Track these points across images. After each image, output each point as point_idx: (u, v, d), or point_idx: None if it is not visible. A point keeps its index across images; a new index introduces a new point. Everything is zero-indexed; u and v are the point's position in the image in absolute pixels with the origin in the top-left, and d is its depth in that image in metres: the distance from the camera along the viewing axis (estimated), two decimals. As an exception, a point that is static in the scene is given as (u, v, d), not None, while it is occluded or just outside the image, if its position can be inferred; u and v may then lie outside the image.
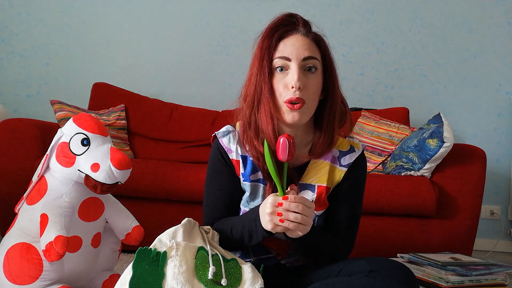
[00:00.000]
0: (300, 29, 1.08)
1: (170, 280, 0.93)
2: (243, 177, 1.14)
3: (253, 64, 1.09)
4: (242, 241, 1.09)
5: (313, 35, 1.10)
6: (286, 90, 1.04)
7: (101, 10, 2.92)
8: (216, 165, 1.17)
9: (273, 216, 0.97)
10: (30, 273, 1.17)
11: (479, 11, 2.80)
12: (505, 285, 1.56)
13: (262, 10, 2.84)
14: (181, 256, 0.97)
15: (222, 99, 2.81)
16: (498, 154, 2.75)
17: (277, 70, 1.05)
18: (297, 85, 1.02)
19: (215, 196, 1.18)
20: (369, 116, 2.47)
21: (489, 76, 2.80)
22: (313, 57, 1.06)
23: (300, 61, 1.04)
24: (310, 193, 1.12)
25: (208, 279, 0.96)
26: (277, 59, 1.05)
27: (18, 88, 2.91)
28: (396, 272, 1.01)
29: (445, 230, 1.94)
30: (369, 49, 2.86)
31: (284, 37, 1.06)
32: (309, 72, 1.05)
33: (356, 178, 1.15)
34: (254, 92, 1.07)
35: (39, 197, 1.25)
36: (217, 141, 1.17)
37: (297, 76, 1.02)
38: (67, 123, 1.29)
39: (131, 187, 1.90)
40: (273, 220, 0.97)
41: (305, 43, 1.06)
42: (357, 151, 1.16)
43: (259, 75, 1.06)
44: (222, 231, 1.13)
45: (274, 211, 0.97)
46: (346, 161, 1.14)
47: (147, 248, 0.97)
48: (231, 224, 1.11)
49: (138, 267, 0.95)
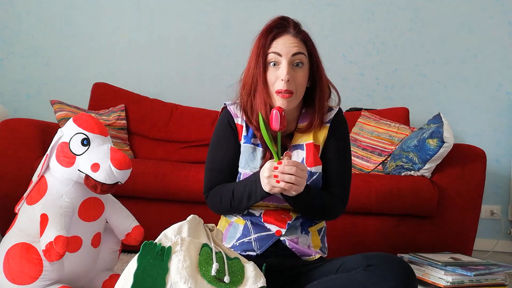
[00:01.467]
0: (290, 30, 1.25)
1: (173, 275, 0.94)
2: (245, 139, 1.30)
3: (251, 58, 1.28)
4: (241, 202, 1.22)
5: (301, 35, 1.26)
6: (277, 82, 1.21)
7: (101, 10, 2.92)
8: (222, 131, 1.33)
9: (270, 179, 1.12)
10: (30, 273, 1.17)
11: (479, 11, 2.81)
12: (505, 285, 1.56)
13: (262, 10, 2.84)
14: (186, 251, 0.98)
15: (222, 99, 2.77)
16: (498, 154, 2.75)
17: (271, 65, 1.23)
18: (286, 78, 1.19)
19: (220, 159, 1.31)
20: (369, 116, 2.47)
21: (489, 76, 2.80)
22: (300, 52, 1.22)
23: (290, 57, 1.21)
24: (301, 152, 1.28)
25: (211, 276, 0.97)
26: (271, 55, 1.22)
27: (18, 88, 2.91)
28: (394, 266, 1.04)
29: (445, 230, 1.94)
30: (369, 49, 2.86)
31: (277, 37, 1.24)
32: (297, 67, 1.23)
33: (339, 133, 1.32)
34: (251, 82, 1.26)
35: (39, 197, 1.25)
36: (226, 110, 1.36)
37: (286, 70, 1.20)
38: (67, 123, 1.29)
39: (131, 187, 1.90)
40: (270, 183, 1.12)
41: (294, 42, 1.23)
42: (335, 109, 1.34)
43: (256, 68, 1.24)
44: (222, 193, 1.26)
45: (270, 174, 1.12)
46: (327, 118, 1.32)
47: (152, 242, 0.99)
48: (232, 186, 1.25)
49: (143, 260, 0.96)
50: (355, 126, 2.46)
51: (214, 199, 1.28)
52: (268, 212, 1.26)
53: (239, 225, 1.28)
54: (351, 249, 1.89)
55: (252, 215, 1.27)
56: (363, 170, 2.30)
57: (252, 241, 1.24)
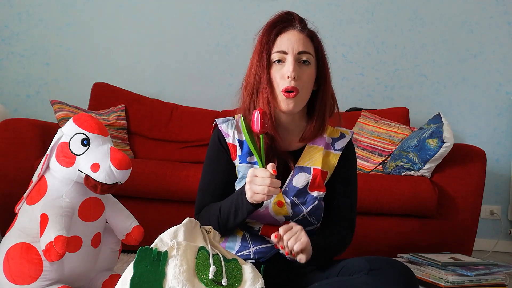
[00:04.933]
0: (296, 25, 1.17)
1: (171, 280, 0.93)
2: (240, 159, 1.21)
3: (253, 56, 1.18)
4: (228, 219, 1.13)
5: (308, 31, 1.18)
6: (282, 80, 1.13)
7: (101, 10, 2.92)
8: (214, 150, 1.24)
9: (252, 184, 1.03)
10: (30, 273, 1.17)
11: (479, 11, 2.81)
12: (505, 285, 1.56)
13: (262, 10, 2.84)
14: (182, 255, 0.97)
15: (222, 99, 2.81)
16: (498, 154, 2.75)
17: (275, 62, 1.14)
18: (292, 75, 1.11)
19: (211, 181, 1.23)
20: (369, 116, 2.47)
21: (489, 76, 2.80)
22: (307, 51, 1.15)
23: (295, 54, 1.13)
24: (306, 175, 1.19)
25: (208, 279, 0.96)
26: (275, 53, 1.14)
27: (18, 88, 2.91)
28: (396, 271, 1.03)
29: (445, 230, 1.94)
30: (369, 49, 2.86)
31: (281, 33, 1.16)
32: (304, 64, 1.15)
33: (350, 163, 1.26)
34: (254, 81, 1.16)
35: (39, 197, 1.25)
36: (217, 129, 1.25)
37: (292, 67, 1.11)
38: (67, 123, 1.29)
39: (131, 187, 1.90)
40: (251, 188, 1.04)
41: (300, 38, 1.15)
42: (348, 136, 1.27)
43: (259, 66, 1.15)
44: (210, 212, 1.18)
45: (251, 180, 1.03)
46: (339, 145, 1.24)
47: (148, 247, 0.97)
48: (220, 204, 1.16)
49: (139, 267, 0.95)
50: (355, 126, 2.46)
51: (203, 220, 1.19)
52: (267, 226, 1.20)
53: (236, 236, 1.22)
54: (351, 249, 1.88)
55: (252, 229, 1.21)
56: (363, 170, 2.30)
57: (251, 254, 1.20)
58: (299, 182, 1.19)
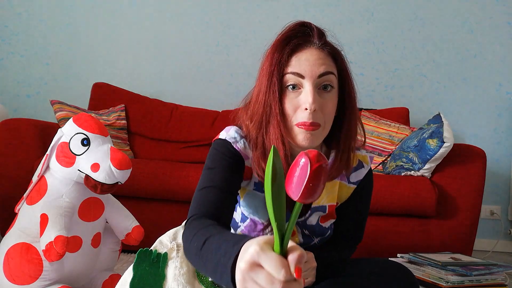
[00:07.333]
0: (315, 41, 0.94)
1: (170, 282, 0.93)
2: (255, 186, 1.01)
3: (260, 80, 0.94)
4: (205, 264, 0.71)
5: (330, 48, 0.95)
6: (298, 112, 0.89)
7: (101, 10, 2.92)
8: (225, 161, 0.95)
9: (247, 282, 0.55)
10: (30, 273, 1.17)
11: (479, 11, 2.81)
12: (505, 285, 1.56)
13: (262, 10, 2.84)
14: (182, 257, 0.96)
15: (222, 99, 2.81)
16: (498, 154, 2.75)
17: (289, 88, 0.90)
18: (312, 107, 0.87)
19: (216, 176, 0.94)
20: (369, 116, 2.47)
21: (489, 76, 2.80)
22: (329, 72, 0.91)
23: (315, 78, 0.89)
24: (321, 213, 1.05)
25: (209, 281, 0.96)
26: (289, 75, 0.90)
27: (18, 88, 2.91)
28: (397, 274, 1.02)
29: (445, 230, 1.94)
30: (369, 49, 2.86)
31: (297, 51, 0.92)
32: (325, 90, 0.91)
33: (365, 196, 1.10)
34: (263, 112, 0.92)
35: (39, 197, 1.25)
36: (228, 143, 0.98)
37: (312, 97, 0.87)
38: (67, 123, 1.29)
39: (131, 187, 1.90)
40: (244, 284, 0.56)
41: (321, 58, 0.92)
42: (366, 167, 1.07)
43: (268, 93, 0.91)
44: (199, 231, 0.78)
45: (251, 269, 0.54)
46: (354, 178, 1.06)
47: (148, 249, 0.97)
48: (212, 232, 0.75)
49: (138, 268, 0.95)
50: (355, 126, 2.45)
51: (187, 234, 0.81)
52: None
53: None
54: (351, 249, 1.89)
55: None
56: (363, 170, 2.30)
57: None
58: (313, 220, 1.05)
